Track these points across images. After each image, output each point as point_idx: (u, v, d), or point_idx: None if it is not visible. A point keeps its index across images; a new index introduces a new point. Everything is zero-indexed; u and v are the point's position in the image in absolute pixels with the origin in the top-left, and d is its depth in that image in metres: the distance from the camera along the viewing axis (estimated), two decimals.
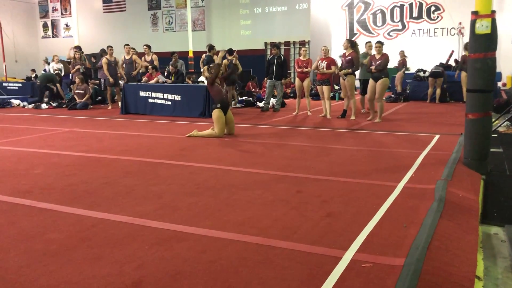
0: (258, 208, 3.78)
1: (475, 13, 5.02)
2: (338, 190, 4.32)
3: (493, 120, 7.75)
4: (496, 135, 7.40)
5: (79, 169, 5.34)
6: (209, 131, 7.63)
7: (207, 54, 12.43)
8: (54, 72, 14.33)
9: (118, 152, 6.37)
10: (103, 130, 8.66)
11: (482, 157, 5.15)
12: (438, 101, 12.94)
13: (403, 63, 14.43)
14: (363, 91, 10.40)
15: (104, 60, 12.65)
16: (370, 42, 10.85)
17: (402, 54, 14.61)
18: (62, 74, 14.54)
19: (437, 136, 7.21)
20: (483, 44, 5.00)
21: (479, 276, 2.73)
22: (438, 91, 12.98)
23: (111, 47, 12.97)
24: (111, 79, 12.52)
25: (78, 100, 12.78)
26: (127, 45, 13.12)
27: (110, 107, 12.84)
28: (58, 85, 13.74)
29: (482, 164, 5.14)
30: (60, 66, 14.71)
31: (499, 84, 15.01)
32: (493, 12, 4.99)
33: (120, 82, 13.13)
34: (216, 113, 7.55)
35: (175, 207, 3.84)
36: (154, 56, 13.20)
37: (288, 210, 3.73)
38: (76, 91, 12.92)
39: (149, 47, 13.46)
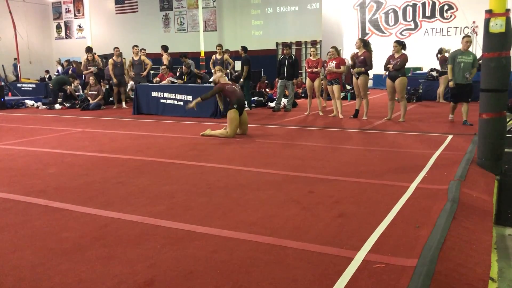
0: (270, 208, 3.78)
1: (489, 12, 4.96)
2: (350, 191, 4.30)
3: (508, 120, 7.65)
4: (510, 135, 7.30)
5: (92, 169, 5.39)
6: (221, 130, 7.64)
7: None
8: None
9: (131, 152, 6.41)
10: (116, 130, 8.73)
11: (496, 158, 5.09)
12: (442, 99, 12.91)
13: None
14: (455, 97, 8.65)
15: (110, 61, 12.86)
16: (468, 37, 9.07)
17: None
18: (79, 92, 14.59)
19: (450, 136, 7.14)
20: (498, 43, 4.95)
21: (493, 277, 2.70)
22: (440, 89, 12.94)
23: (117, 48, 13.13)
24: (115, 80, 12.69)
25: (91, 101, 12.90)
26: (136, 46, 13.23)
27: (115, 107, 13.04)
28: (69, 87, 13.87)
29: (496, 165, 5.08)
30: (77, 84, 14.70)
31: None
32: (508, 10, 4.93)
33: (132, 82, 13.23)
34: (231, 113, 7.55)
35: (187, 206, 3.86)
36: (164, 56, 13.32)
37: (299, 211, 3.72)
38: (90, 92, 13.05)
39: (163, 48, 13.61)
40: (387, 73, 9.12)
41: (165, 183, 4.66)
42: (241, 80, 11.84)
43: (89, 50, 14.29)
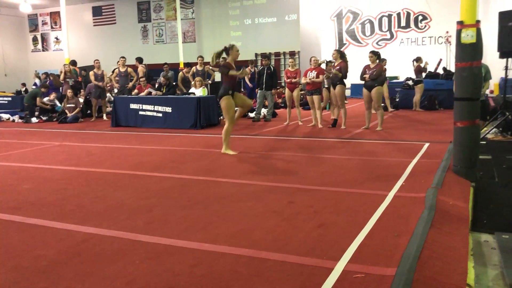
0: (250, 220, 3.77)
1: (460, 23, 5.09)
2: (329, 200, 4.33)
3: (482, 127, 7.83)
4: (484, 142, 7.47)
5: (69, 183, 5.30)
6: (223, 132, 7.08)
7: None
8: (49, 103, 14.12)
9: (109, 165, 6.34)
10: (94, 143, 8.62)
11: (471, 165, 5.19)
12: (418, 107, 13.14)
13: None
14: None
15: (91, 73, 12.76)
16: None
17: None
18: (53, 103, 14.35)
19: (427, 144, 7.26)
20: (469, 53, 5.07)
21: (470, 284, 2.74)
22: (417, 97, 13.19)
23: (98, 60, 13.02)
24: (100, 83, 12.55)
25: (68, 114, 12.73)
26: (123, 57, 13.07)
27: (93, 119, 12.91)
28: (38, 98, 13.61)
29: (472, 172, 5.18)
30: (53, 97, 14.44)
31: (487, 91, 15.16)
32: (478, 22, 5.06)
33: (108, 94, 13.11)
34: (225, 100, 6.84)
35: (166, 220, 3.83)
36: (140, 68, 13.28)
37: (280, 222, 3.73)
38: (67, 105, 12.87)
39: (138, 60, 13.52)
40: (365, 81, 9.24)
41: (143, 196, 4.61)
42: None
43: (74, 63, 14.15)
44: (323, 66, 10.64)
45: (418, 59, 13.28)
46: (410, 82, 13.62)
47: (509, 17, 7.91)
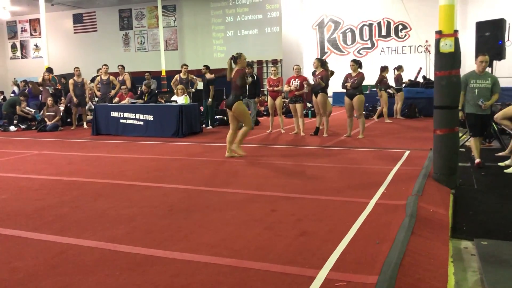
0: (232, 229, 3.75)
1: (439, 33, 5.19)
2: (312, 208, 4.33)
3: (461, 135, 7.96)
4: (464, 150, 7.59)
5: (48, 193, 5.20)
6: (241, 132, 7.34)
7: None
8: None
9: (89, 174, 6.25)
10: (74, 152, 8.50)
11: (451, 172, 5.27)
12: (399, 115, 13.32)
13: None
14: (474, 128, 6.47)
15: (70, 81, 12.58)
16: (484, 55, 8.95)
17: None
18: (31, 112, 14.10)
19: (407, 152, 7.35)
20: (448, 62, 5.17)
21: None
22: (399, 105, 13.34)
23: (78, 68, 12.87)
24: (75, 99, 12.41)
25: (48, 122, 12.53)
26: (105, 65, 12.92)
27: (73, 128, 12.75)
28: (18, 107, 13.38)
29: (451, 179, 5.25)
30: (24, 106, 14.17)
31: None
32: (456, 31, 5.17)
33: (91, 103, 12.96)
34: (241, 105, 7.24)
35: (147, 230, 3.78)
36: (126, 76, 13.10)
37: (262, 230, 3.71)
38: (47, 113, 12.67)
39: (123, 67, 13.40)
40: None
41: (124, 206, 4.55)
42: (210, 100, 11.82)
43: (49, 70, 13.94)
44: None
45: (399, 68, 13.47)
46: (391, 91, 13.78)
47: (486, 27, 8.11)
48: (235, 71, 7.29)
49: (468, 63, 11.17)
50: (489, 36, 7.96)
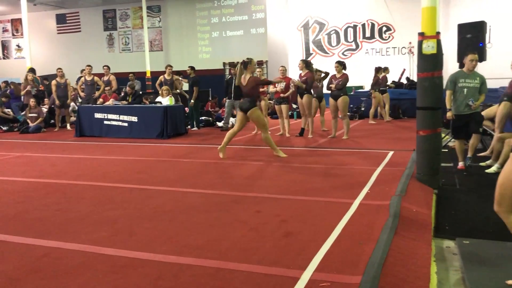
0: (217, 231, 3.74)
1: (421, 34, 5.25)
2: (297, 209, 4.34)
3: (444, 135, 8.06)
4: (446, 150, 7.69)
5: (30, 195, 5.12)
6: (267, 141, 7.45)
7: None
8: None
9: (72, 176, 6.17)
10: (57, 154, 8.39)
11: (434, 172, 5.33)
12: (388, 116, 13.39)
13: None
14: (457, 130, 6.41)
15: (53, 82, 12.41)
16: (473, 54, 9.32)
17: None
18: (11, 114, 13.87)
19: (391, 152, 7.41)
20: (430, 64, 5.23)
21: None
22: (386, 107, 13.43)
23: (61, 69, 12.71)
24: (57, 101, 12.26)
25: (30, 124, 12.36)
26: (89, 66, 12.78)
27: (57, 129, 12.59)
28: None
29: (434, 179, 5.32)
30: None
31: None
32: (438, 33, 5.24)
33: (73, 104, 12.82)
34: (256, 112, 7.33)
35: (131, 232, 3.75)
36: (112, 77, 12.99)
37: (247, 232, 3.71)
38: (29, 114, 12.49)
39: (108, 67, 13.29)
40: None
41: (107, 208, 4.51)
42: (192, 101, 11.78)
43: (32, 71, 13.74)
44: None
45: (385, 69, 13.54)
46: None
47: (467, 29, 8.23)
48: (250, 78, 7.39)
49: (451, 64, 11.34)
50: (471, 38, 8.08)
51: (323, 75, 10.67)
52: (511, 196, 2.75)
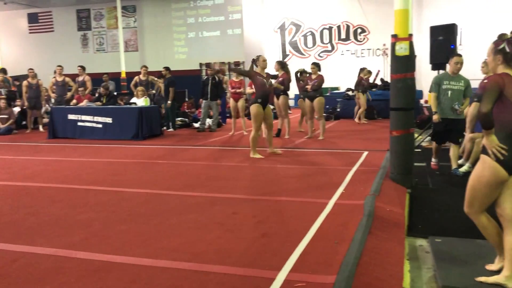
0: (192, 233, 3.72)
1: (394, 36, 5.33)
2: (273, 210, 4.35)
3: (416, 135, 8.22)
4: (419, 150, 7.84)
5: (0, 199, 4.99)
6: (251, 138, 7.41)
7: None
8: None
9: (44, 179, 6.04)
10: (29, 156, 8.20)
11: (407, 172, 5.42)
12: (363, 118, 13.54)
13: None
14: (438, 135, 6.25)
15: (24, 83, 12.12)
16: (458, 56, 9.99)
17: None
18: None
19: (366, 153, 7.51)
20: (403, 65, 5.32)
21: None
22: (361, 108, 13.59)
23: (32, 69, 12.44)
24: (26, 103, 12.00)
25: (1, 125, 12.04)
26: (60, 66, 12.53)
27: (29, 131, 12.32)
28: None
29: (407, 178, 5.40)
30: None
31: (422, 101, 15.97)
32: (411, 35, 5.33)
33: (47, 105, 12.57)
34: (254, 108, 7.24)
35: (105, 235, 3.69)
36: (87, 77, 12.80)
37: (223, 233, 3.70)
38: (0, 116, 12.18)
39: (83, 68, 13.08)
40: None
41: (81, 211, 4.43)
42: (169, 102, 11.69)
43: (3, 71, 13.40)
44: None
45: (365, 72, 13.53)
46: (350, 93, 14.06)
47: (439, 31, 8.40)
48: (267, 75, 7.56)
49: (424, 66, 11.55)
50: (442, 40, 8.23)
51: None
52: (482, 198, 2.82)
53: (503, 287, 2.76)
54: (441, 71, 8.54)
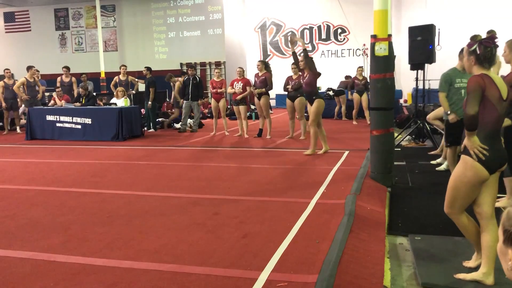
0: (174, 234, 3.69)
1: (374, 37, 5.39)
2: (254, 210, 4.35)
3: (396, 135, 8.32)
4: (399, 149, 7.93)
5: None
6: (315, 136, 7.69)
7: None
8: None
9: (22, 181, 5.93)
10: (5, 158, 8.03)
11: (387, 171, 5.48)
12: (344, 117, 13.59)
13: None
14: (453, 137, 5.37)
15: (0, 83, 11.88)
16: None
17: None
18: None
19: (346, 152, 7.57)
20: (383, 65, 5.38)
21: (387, 286, 2.88)
22: (343, 108, 13.66)
23: (8, 69, 12.21)
24: (3, 104, 11.76)
25: None
26: (32, 67, 12.34)
27: (5, 133, 12.06)
28: None
29: (387, 177, 5.46)
30: None
31: (401, 101, 16.18)
32: (390, 35, 5.39)
33: (23, 106, 12.35)
34: (320, 102, 7.83)
35: (84, 238, 3.64)
36: (74, 79, 12.69)
37: (204, 234, 3.68)
38: None
39: (68, 68, 12.91)
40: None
41: (60, 214, 4.35)
42: (149, 102, 11.58)
43: None
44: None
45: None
46: (331, 93, 14.15)
47: (417, 32, 8.50)
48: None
49: (404, 65, 11.70)
50: (421, 40, 8.34)
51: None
52: (463, 198, 2.86)
53: (481, 283, 2.81)
54: (419, 71, 8.72)
